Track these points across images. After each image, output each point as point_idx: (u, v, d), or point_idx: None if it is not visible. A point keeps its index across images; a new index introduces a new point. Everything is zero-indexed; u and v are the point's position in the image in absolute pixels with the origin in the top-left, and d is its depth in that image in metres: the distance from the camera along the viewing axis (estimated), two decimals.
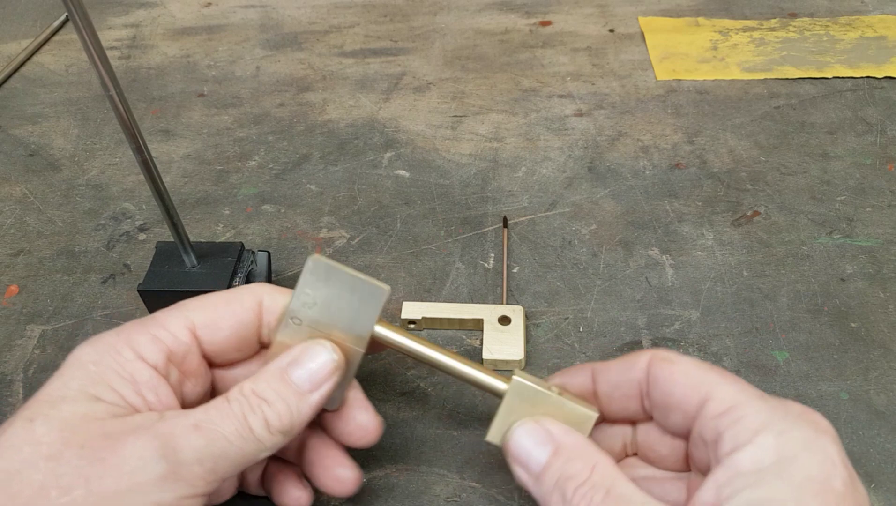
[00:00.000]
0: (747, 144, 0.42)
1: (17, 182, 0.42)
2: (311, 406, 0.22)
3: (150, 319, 0.22)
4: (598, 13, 0.55)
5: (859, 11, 0.53)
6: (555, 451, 0.20)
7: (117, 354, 0.21)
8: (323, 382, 0.22)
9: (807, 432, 0.18)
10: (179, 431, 0.19)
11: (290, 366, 0.22)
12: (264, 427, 0.20)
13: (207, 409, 0.20)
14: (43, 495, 0.18)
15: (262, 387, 0.21)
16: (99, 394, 0.20)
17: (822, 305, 0.33)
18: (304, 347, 0.22)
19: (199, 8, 0.58)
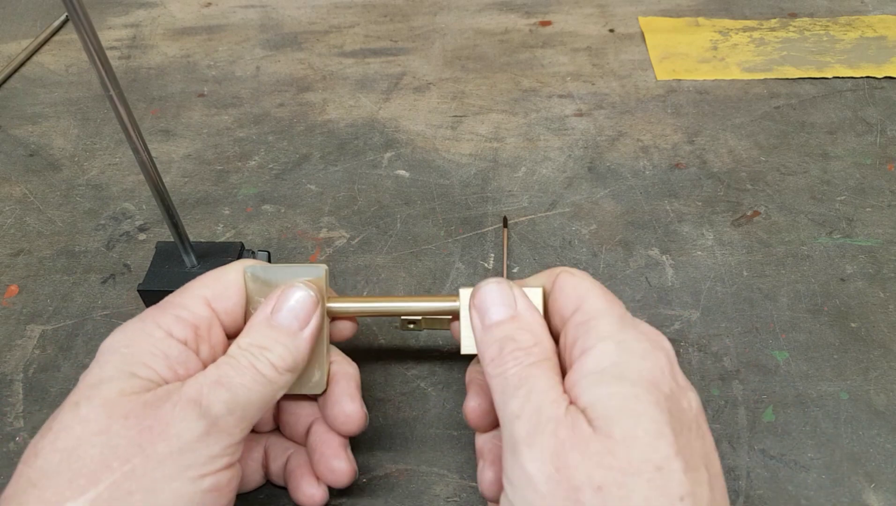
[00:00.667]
0: (747, 144, 0.42)
1: (17, 182, 0.42)
2: (305, 341, 0.23)
3: (166, 303, 0.24)
4: (598, 13, 0.55)
5: (859, 11, 0.53)
6: (513, 316, 0.22)
7: (148, 335, 0.22)
8: (309, 316, 0.24)
9: (644, 344, 0.21)
10: (206, 389, 0.21)
11: (273, 313, 0.23)
12: (272, 369, 0.22)
13: (219, 365, 0.22)
14: (105, 466, 0.19)
15: (255, 338, 0.23)
16: (135, 371, 0.21)
17: (822, 305, 0.33)
18: (278, 293, 0.24)
19: (199, 8, 0.58)
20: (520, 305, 0.23)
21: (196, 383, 0.21)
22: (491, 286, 0.23)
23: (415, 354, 0.31)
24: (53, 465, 0.19)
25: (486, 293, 0.23)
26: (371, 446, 0.28)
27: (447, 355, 0.31)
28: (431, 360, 0.31)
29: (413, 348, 0.32)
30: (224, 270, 0.25)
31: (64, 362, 0.32)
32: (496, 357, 0.22)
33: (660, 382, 0.20)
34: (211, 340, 0.24)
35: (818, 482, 0.27)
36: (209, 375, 0.21)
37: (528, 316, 0.23)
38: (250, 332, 0.23)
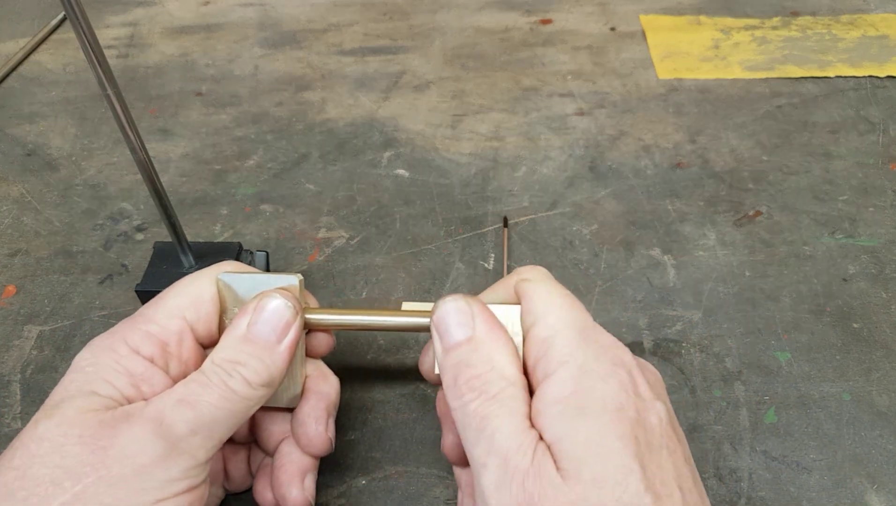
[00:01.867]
0: (749, 144, 0.42)
1: (15, 182, 0.41)
2: (283, 355, 0.22)
3: (138, 316, 0.23)
4: (599, 11, 0.55)
5: (861, 10, 0.53)
6: (469, 338, 0.21)
7: (113, 351, 0.22)
8: (287, 327, 0.23)
9: (605, 364, 0.20)
10: (167, 409, 0.20)
11: (249, 326, 0.22)
12: (245, 386, 0.21)
13: (187, 383, 0.21)
14: (57, 485, 0.19)
15: (229, 353, 0.22)
16: (95, 389, 0.21)
17: (824, 305, 0.33)
18: (254, 303, 0.23)
19: (198, 6, 0.57)
20: (478, 325, 0.21)
21: (159, 402, 0.20)
22: (448, 305, 0.22)
23: (414, 354, 0.31)
24: (8, 483, 0.19)
25: (443, 313, 0.22)
26: (370, 448, 0.28)
27: None
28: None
29: (413, 349, 0.31)
30: (197, 278, 0.24)
31: (61, 363, 0.31)
32: (452, 385, 0.21)
33: (624, 405, 0.19)
34: (182, 355, 0.23)
35: (820, 484, 0.26)
36: (173, 394, 0.21)
37: (486, 337, 0.21)
38: (224, 346, 0.22)
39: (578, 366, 0.20)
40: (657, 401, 0.20)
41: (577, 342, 0.21)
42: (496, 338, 0.21)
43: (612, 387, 0.20)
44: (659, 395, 0.21)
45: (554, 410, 0.19)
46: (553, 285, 0.23)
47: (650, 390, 0.21)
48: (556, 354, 0.20)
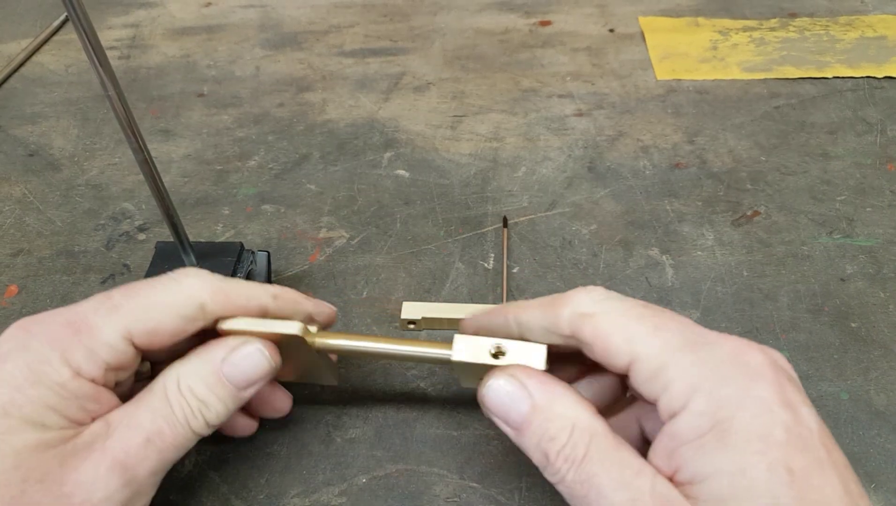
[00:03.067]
0: (747, 144, 0.42)
1: (17, 182, 0.42)
2: (241, 402, 0.22)
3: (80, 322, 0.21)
4: (597, 13, 0.55)
5: (859, 11, 0.53)
6: (532, 407, 0.19)
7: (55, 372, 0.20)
8: (256, 383, 0.22)
9: (738, 384, 0.18)
10: (134, 450, 0.20)
11: (224, 364, 0.21)
12: (204, 426, 0.21)
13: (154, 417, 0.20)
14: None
15: (199, 389, 0.21)
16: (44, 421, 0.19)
17: (822, 305, 0.33)
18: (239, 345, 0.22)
19: (199, 8, 0.58)
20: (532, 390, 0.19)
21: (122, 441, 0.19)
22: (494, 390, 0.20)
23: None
24: None
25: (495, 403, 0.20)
26: (371, 447, 0.28)
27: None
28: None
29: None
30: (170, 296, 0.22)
31: None
32: (547, 465, 0.19)
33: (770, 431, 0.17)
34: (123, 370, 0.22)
35: None
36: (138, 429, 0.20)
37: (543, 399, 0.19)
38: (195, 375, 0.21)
39: (708, 395, 0.17)
40: (804, 405, 0.18)
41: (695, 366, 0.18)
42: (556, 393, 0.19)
43: (751, 410, 0.17)
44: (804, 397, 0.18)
45: (691, 448, 0.17)
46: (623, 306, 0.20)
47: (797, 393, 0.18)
48: (679, 388, 0.18)
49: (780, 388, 0.18)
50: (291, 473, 0.27)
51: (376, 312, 0.33)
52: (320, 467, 0.27)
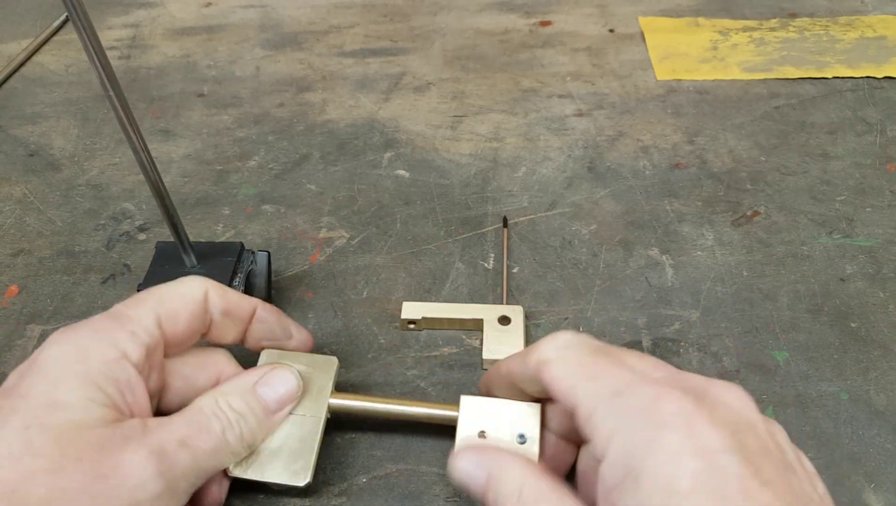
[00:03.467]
0: (747, 144, 0.42)
1: (17, 182, 0.42)
2: (274, 425, 0.24)
3: (121, 314, 0.22)
4: (597, 13, 0.55)
5: (859, 11, 0.53)
6: (488, 476, 0.21)
7: (101, 353, 0.21)
8: (286, 403, 0.24)
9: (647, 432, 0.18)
10: (170, 447, 0.20)
11: (258, 385, 0.23)
12: (239, 440, 0.22)
13: (189, 422, 0.21)
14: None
15: (237, 402, 0.22)
16: (91, 397, 0.20)
17: (821, 305, 0.33)
18: (273, 368, 0.24)
19: (199, 8, 0.58)
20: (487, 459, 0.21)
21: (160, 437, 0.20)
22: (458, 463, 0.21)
23: (415, 354, 0.31)
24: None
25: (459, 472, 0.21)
26: (371, 446, 0.28)
27: (447, 356, 0.31)
28: (431, 360, 0.31)
29: (412, 348, 0.32)
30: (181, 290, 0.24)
31: None
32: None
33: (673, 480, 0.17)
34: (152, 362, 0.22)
35: None
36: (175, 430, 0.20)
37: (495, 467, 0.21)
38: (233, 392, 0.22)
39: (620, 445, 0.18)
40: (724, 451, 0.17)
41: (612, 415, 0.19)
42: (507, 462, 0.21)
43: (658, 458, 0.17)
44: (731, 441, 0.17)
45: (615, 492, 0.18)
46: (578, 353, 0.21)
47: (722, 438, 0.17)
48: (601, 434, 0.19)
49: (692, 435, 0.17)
50: None
51: (376, 312, 0.33)
52: (320, 467, 0.27)
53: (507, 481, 0.20)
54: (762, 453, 0.18)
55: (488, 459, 0.21)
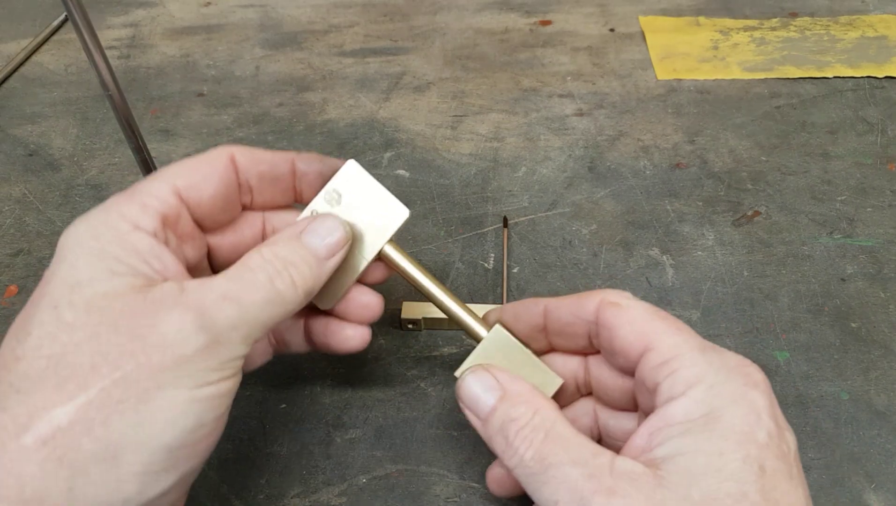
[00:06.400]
0: (748, 144, 0.42)
1: (17, 182, 0.42)
2: (327, 271, 0.22)
3: (132, 189, 0.22)
4: (598, 12, 0.55)
5: (860, 11, 0.53)
6: (502, 396, 0.21)
7: (112, 228, 0.20)
8: (336, 250, 0.23)
9: (737, 385, 0.19)
10: (210, 302, 0.19)
11: (304, 234, 0.22)
12: (291, 287, 0.21)
13: (230, 278, 0.20)
14: (95, 373, 0.18)
15: (283, 251, 0.21)
16: (112, 269, 0.20)
17: (822, 305, 0.33)
18: (315, 218, 0.23)
19: (199, 7, 0.57)
20: (504, 382, 0.21)
21: (199, 294, 0.19)
22: (470, 380, 0.22)
23: (415, 354, 0.31)
24: (39, 371, 0.18)
25: (468, 390, 0.22)
26: (371, 447, 0.28)
27: (447, 356, 0.31)
28: (431, 360, 0.31)
29: (412, 348, 0.32)
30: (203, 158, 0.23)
31: None
32: (505, 446, 0.20)
33: (754, 430, 0.18)
34: (178, 232, 0.22)
35: (818, 483, 0.26)
36: (215, 288, 0.20)
37: (515, 388, 0.21)
38: (278, 243, 0.21)
39: (709, 387, 0.19)
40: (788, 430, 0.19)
41: (704, 363, 0.19)
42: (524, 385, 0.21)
43: (743, 409, 0.19)
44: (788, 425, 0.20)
45: (678, 428, 0.19)
46: (649, 306, 0.21)
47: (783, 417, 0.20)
48: (684, 376, 0.19)
49: (772, 403, 0.19)
50: (291, 473, 0.27)
51: None
52: (320, 468, 0.27)
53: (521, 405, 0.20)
54: None
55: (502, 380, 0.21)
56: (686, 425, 0.19)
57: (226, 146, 0.23)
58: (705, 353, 0.20)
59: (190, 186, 0.22)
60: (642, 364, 0.20)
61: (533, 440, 0.20)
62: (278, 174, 0.24)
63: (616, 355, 0.22)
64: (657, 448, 0.19)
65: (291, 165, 0.24)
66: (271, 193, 0.24)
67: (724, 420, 0.18)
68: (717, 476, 0.17)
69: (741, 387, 0.19)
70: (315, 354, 0.31)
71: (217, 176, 0.23)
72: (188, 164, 0.23)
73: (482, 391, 0.21)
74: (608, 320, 0.21)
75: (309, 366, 0.31)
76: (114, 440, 0.18)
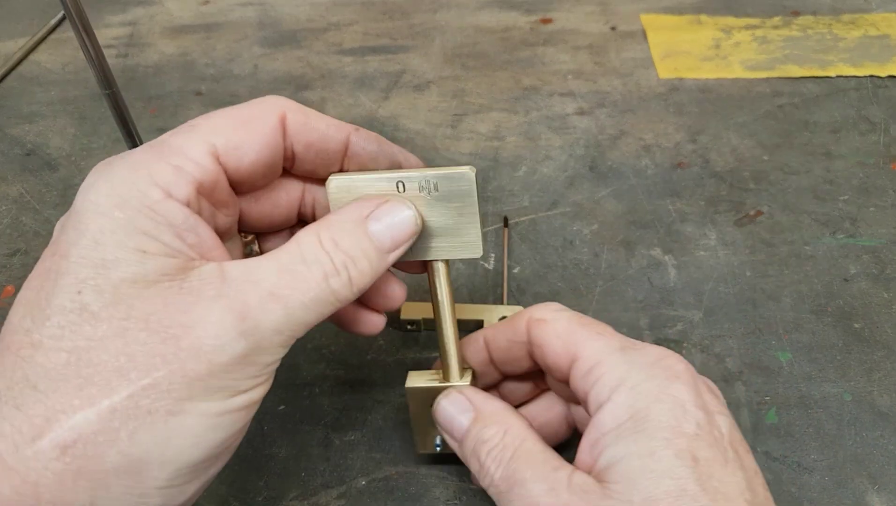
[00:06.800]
0: (750, 143, 0.42)
1: (14, 181, 0.41)
2: (386, 266, 0.20)
3: (163, 144, 0.19)
4: (599, 11, 0.55)
5: (862, 9, 0.53)
6: (475, 418, 0.21)
7: (142, 194, 0.17)
8: (403, 242, 0.20)
9: (659, 381, 0.19)
10: (255, 301, 0.17)
11: (369, 219, 0.19)
12: (347, 287, 0.18)
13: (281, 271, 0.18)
14: (121, 376, 0.16)
15: (345, 241, 0.19)
16: (141, 246, 0.17)
17: (825, 305, 0.33)
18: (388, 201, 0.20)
19: (197, 6, 0.57)
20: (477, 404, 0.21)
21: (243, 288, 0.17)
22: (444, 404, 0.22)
23: (414, 355, 0.31)
24: (58, 366, 0.16)
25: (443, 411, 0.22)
26: (370, 448, 0.28)
27: None
28: (431, 361, 0.31)
29: (412, 349, 0.31)
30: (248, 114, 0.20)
31: None
32: (479, 469, 0.20)
33: (682, 423, 0.18)
34: (213, 199, 0.19)
35: (821, 484, 0.26)
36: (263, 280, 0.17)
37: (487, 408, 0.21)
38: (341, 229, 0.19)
39: (630, 389, 0.19)
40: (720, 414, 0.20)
41: (625, 364, 0.20)
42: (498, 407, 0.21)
43: (667, 404, 0.19)
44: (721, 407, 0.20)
45: (610, 436, 0.19)
46: (573, 316, 0.22)
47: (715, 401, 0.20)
48: (607, 381, 0.20)
49: (697, 392, 0.19)
50: (290, 475, 0.27)
51: None
52: (319, 470, 0.27)
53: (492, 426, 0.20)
54: None
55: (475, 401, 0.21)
56: (617, 432, 0.19)
57: (276, 99, 0.20)
58: (625, 352, 0.20)
59: (230, 148, 0.19)
60: (572, 375, 0.21)
61: (502, 460, 0.20)
62: (329, 147, 0.21)
63: (551, 371, 0.22)
64: (598, 460, 0.19)
65: (346, 140, 0.21)
66: (314, 164, 0.21)
67: (651, 419, 0.19)
68: (653, 476, 0.18)
69: (663, 382, 0.19)
70: (314, 356, 0.31)
71: (263, 139, 0.19)
72: (231, 117, 0.20)
73: (457, 413, 0.21)
74: (537, 337, 0.22)
75: (308, 367, 0.31)
76: (139, 455, 0.16)
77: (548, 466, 0.19)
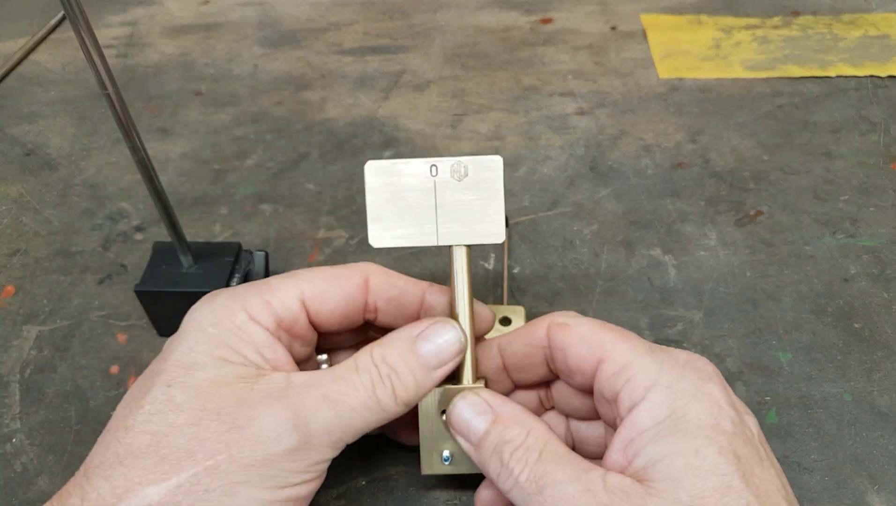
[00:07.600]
0: (750, 143, 0.42)
1: (14, 182, 0.41)
2: (433, 382, 0.22)
3: (263, 283, 0.23)
4: (599, 11, 0.55)
5: (863, 9, 0.53)
6: (494, 420, 0.21)
7: (233, 315, 0.21)
8: (448, 360, 0.22)
9: (692, 381, 0.20)
10: (310, 402, 0.20)
11: (418, 338, 0.22)
12: (391, 397, 0.21)
13: (335, 379, 0.21)
14: (190, 457, 0.19)
15: (392, 356, 0.21)
16: (225, 356, 0.20)
17: (825, 305, 0.33)
18: (435, 323, 0.22)
19: (197, 6, 0.57)
20: (494, 403, 0.22)
21: (299, 392, 0.20)
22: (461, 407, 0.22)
23: None
24: (142, 446, 0.19)
25: (460, 417, 0.22)
26: (371, 448, 0.28)
27: None
28: None
29: None
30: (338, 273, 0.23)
31: (60, 363, 0.31)
32: (500, 469, 0.20)
33: (720, 421, 0.19)
34: (292, 332, 0.23)
35: (821, 484, 0.26)
36: (318, 386, 0.20)
37: (506, 410, 0.21)
38: (388, 346, 0.21)
39: (666, 387, 0.20)
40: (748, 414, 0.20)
41: (656, 364, 0.20)
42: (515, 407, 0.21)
43: (704, 403, 0.19)
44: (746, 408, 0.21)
45: (648, 435, 0.19)
46: (594, 321, 0.22)
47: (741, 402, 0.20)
48: (640, 381, 0.20)
49: (728, 392, 0.20)
50: None
51: None
52: None
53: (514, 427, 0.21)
54: None
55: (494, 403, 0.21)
56: (655, 430, 0.19)
57: (367, 265, 0.24)
58: (655, 354, 0.21)
59: (315, 296, 0.23)
60: (598, 376, 0.21)
61: (528, 461, 0.20)
62: (407, 302, 0.24)
63: (573, 374, 0.22)
64: (635, 460, 0.19)
65: (422, 295, 0.24)
66: (394, 317, 0.24)
67: (690, 417, 0.19)
68: (699, 474, 0.18)
69: (696, 382, 0.20)
70: None
71: (344, 294, 0.23)
72: (324, 272, 0.23)
73: (473, 416, 0.21)
74: (559, 341, 0.22)
75: None
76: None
77: (578, 466, 0.19)
